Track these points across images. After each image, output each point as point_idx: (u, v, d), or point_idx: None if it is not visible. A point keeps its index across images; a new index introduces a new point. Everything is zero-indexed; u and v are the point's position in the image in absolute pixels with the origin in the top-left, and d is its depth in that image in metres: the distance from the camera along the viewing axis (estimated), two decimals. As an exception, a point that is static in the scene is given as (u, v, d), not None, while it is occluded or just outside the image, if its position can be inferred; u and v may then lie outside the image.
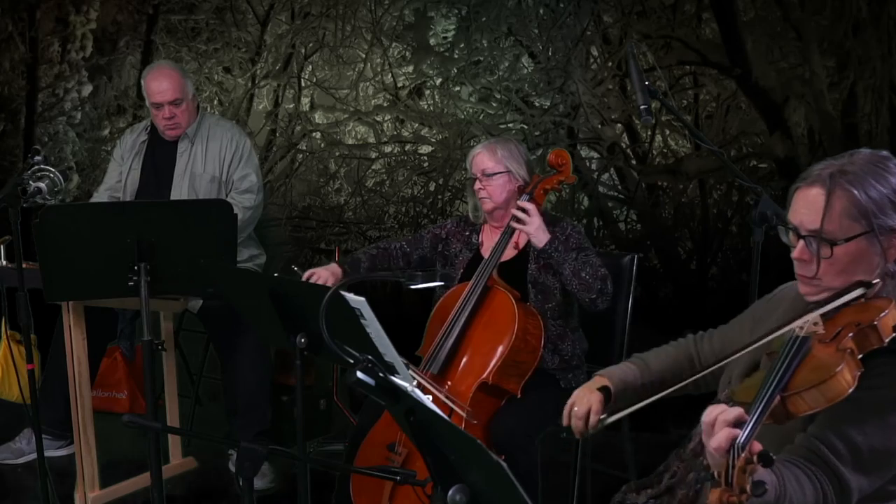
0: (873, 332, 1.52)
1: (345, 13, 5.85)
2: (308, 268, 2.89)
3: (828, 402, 1.46)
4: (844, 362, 1.47)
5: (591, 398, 2.01)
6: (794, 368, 1.50)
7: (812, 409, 1.47)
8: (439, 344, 2.73)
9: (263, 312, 2.28)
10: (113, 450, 3.37)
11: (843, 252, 1.61)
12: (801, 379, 1.49)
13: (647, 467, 2.17)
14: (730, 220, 5.36)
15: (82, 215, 2.76)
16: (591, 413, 1.99)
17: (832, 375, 1.46)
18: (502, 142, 2.94)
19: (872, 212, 1.59)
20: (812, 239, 1.63)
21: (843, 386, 1.46)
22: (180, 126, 3.49)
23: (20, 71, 5.92)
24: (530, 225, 2.73)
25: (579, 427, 2.00)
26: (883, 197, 1.60)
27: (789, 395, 1.48)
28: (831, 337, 1.54)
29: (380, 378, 1.53)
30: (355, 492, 2.66)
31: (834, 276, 1.63)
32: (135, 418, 1.81)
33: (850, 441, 1.52)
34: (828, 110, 4.77)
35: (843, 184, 1.60)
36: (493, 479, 1.34)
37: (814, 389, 1.46)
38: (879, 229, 1.60)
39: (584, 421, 1.99)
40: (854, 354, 1.49)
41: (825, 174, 1.63)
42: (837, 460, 1.52)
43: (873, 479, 1.54)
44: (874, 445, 1.52)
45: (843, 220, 1.60)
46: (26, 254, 2.68)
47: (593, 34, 5.39)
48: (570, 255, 2.74)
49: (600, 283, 2.72)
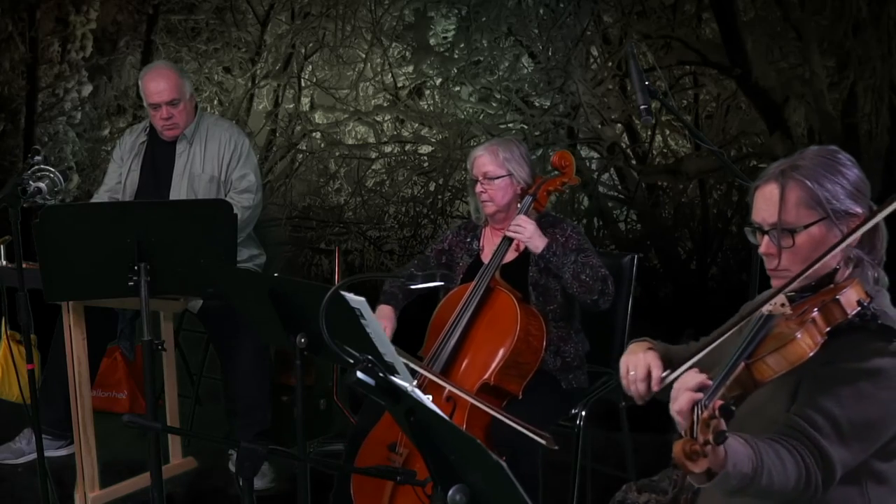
0: (836, 305, 1.58)
1: (345, 13, 5.85)
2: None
3: (790, 364, 1.52)
4: (804, 327, 1.53)
5: (647, 358, 1.88)
6: (758, 341, 1.57)
7: (776, 372, 1.53)
8: (441, 344, 2.73)
9: (263, 312, 2.28)
10: (113, 450, 3.37)
11: (804, 239, 1.68)
12: (764, 347, 1.55)
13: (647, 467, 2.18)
14: (730, 220, 5.36)
15: (82, 215, 2.77)
16: (653, 369, 1.86)
17: (792, 339, 1.52)
18: (504, 143, 2.92)
19: (826, 198, 1.67)
20: (774, 232, 1.70)
21: (803, 349, 1.52)
22: (178, 126, 3.49)
23: (20, 71, 5.93)
24: (524, 233, 2.73)
25: (642, 390, 1.87)
26: (835, 185, 1.68)
27: (753, 361, 1.54)
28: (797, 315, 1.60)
29: (380, 378, 1.53)
30: (356, 492, 2.66)
31: (799, 264, 1.69)
32: (135, 418, 1.81)
33: (828, 414, 1.55)
34: (828, 110, 4.77)
35: (795, 176, 1.69)
36: (494, 480, 1.34)
37: (775, 353, 1.53)
38: (835, 214, 1.67)
39: (646, 382, 1.87)
40: (817, 323, 1.55)
41: (777, 171, 1.73)
42: (818, 433, 1.54)
43: (855, 452, 1.57)
44: (851, 417, 1.55)
45: (799, 209, 1.68)
46: (26, 254, 2.68)
47: (593, 34, 5.39)
48: (570, 258, 2.74)
49: (601, 285, 2.72)
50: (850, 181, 1.70)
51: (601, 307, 2.76)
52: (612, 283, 2.77)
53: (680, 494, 1.81)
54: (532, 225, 2.73)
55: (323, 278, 5.76)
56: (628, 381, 1.89)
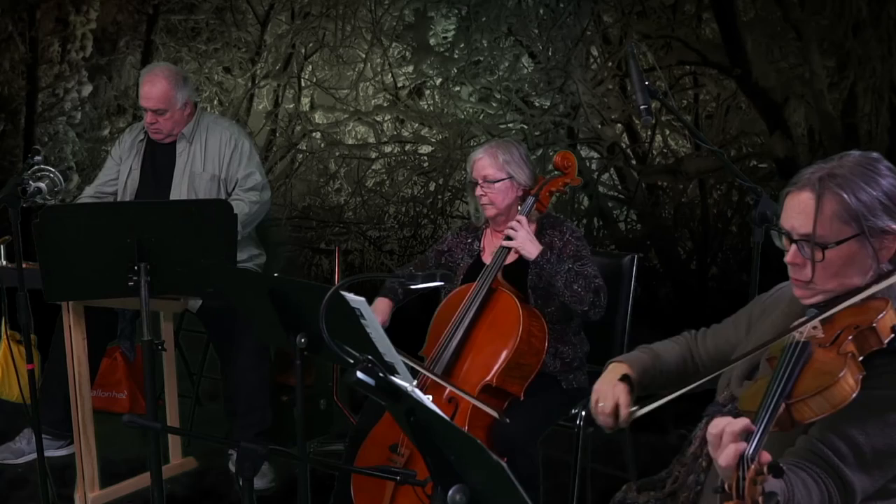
0: (872, 333, 1.53)
1: (345, 13, 5.86)
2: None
3: (833, 407, 1.47)
4: (847, 367, 1.47)
5: (616, 391, 1.90)
6: (796, 375, 1.51)
7: (817, 415, 1.47)
8: (443, 345, 2.72)
9: (263, 312, 2.28)
10: (113, 450, 3.37)
11: (835, 255, 1.62)
12: (804, 386, 1.49)
13: (647, 467, 2.17)
14: (730, 220, 5.36)
15: (82, 215, 2.76)
16: (621, 407, 1.88)
17: (836, 381, 1.46)
18: (504, 145, 2.90)
19: (862, 214, 1.60)
20: (804, 243, 1.64)
21: (846, 391, 1.46)
22: (161, 132, 3.50)
23: (20, 71, 5.93)
24: (516, 238, 2.72)
25: (609, 424, 1.90)
26: (873, 199, 1.61)
27: (794, 402, 1.48)
28: (831, 341, 1.55)
29: (380, 378, 1.53)
30: (356, 492, 2.66)
31: (827, 279, 1.64)
32: (135, 418, 1.81)
33: (851, 442, 1.52)
34: (828, 110, 4.77)
35: (833, 187, 1.61)
36: (494, 480, 1.34)
37: (818, 396, 1.46)
38: (870, 231, 1.61)
39: (614, 416, 1.89)
40: (855, 358, 1.50)
41: (815, 178, 1.64)
42: (840, 461, 1.52)
43: (876, 479, 1.55)
44: (876, 445, 1.52)
45: (833, 223, 1.61)
46: (26, 254, 2.68)
47: (593, 34, 5.39)
48: (564, 267, 2.72)
49: (592, 296, 2.71)
50: (886, 193, 1.62)
51: (591, 318, 2.76)
52: (605, 294, 2.75)
53: (680, 491, 1.80)
54: (524, 231, 2.72)
55: (323, 278, 5.76)
56: (596, 411, 1.92)
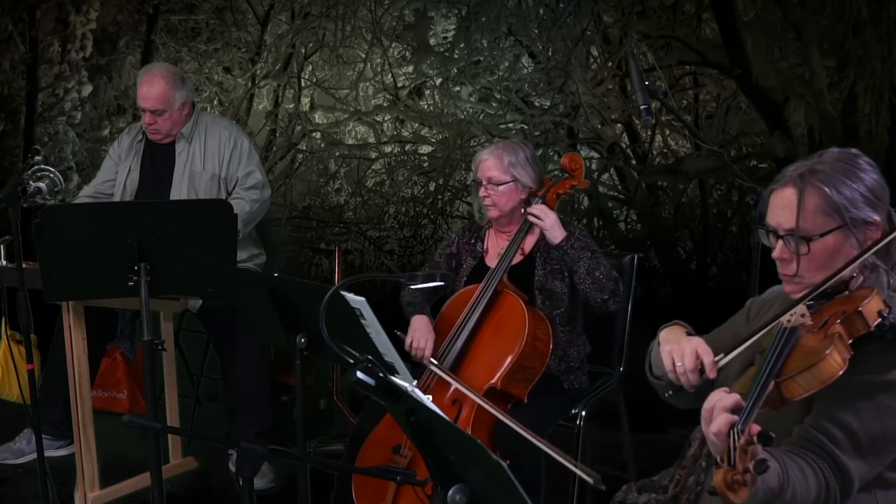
0: (859, 317, 1.56)
1: (345, 13, 5.86)
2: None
3: (821, 383, 1.50)
4: (833, 345, 1.51)
5: (693, 344, 1.78)
6: (785, 356, 1.55)
7: (806, 391, 1.51)
8: (448, 346, 2.71)
9: (263, 312, 2.28)
10: (113, 450, 3.37)
11: (819, 247, 1.65)
12: (793, 364, 1.53)
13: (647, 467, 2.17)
14: (730, 220, 5.36)
15: (82, 215, 2.76)
16: (703, 355, 1.76)
17: (822, 357, 1.50)
18: (510, 147, 2.87)
19: (844, 206, 1.64)
20: (790, 238, 1.67)
21: (833, 367, 1.50)
22: (160, 133, 3.50)
23: (20, 71, 5.92)
24: (545, 220, 2.72)
25: (694, 381, 1.77)
26: (854, 192, 1.65)
27: (783, 380, 1.52)
28: (819, 326, 1.59)
29: (380, 378, 1.53)
30: (357, 492, 2.65)
31: (814, 271, 1.67)
32: (135, 418, 1.81)
33: (846, 427, 1.54)
34: (828, 110, 4.77)
35: (814, 182, 1.65)
36: (494, 480, 1.34)
37: (806, 372, 1.50)
38: (853, 222, 1.64)
39: (698, 371, 1.76)
40: (843, 338, 1.54)
41: (796, 175, 1.68)
42: (836, 447, 1.54)
43: (872, 464, 1.56)
44: (870, 430, 1.54)
45: (816, 216, 1.65)
46: (26, 254, 2.68)
47: (593, 34, 5.39)
48: (585, 254, 2.74)
49: (613, 284, 2.73)
50: (868, 187, 1.66)
51: (610, 308, 2.76)
52: (622, 285, 2.77)
53: (682, 494, 1.80)
54: (553, 214, 2.74)
55: (323, 278, 5.76)
56: (677, 374, 1.78)
